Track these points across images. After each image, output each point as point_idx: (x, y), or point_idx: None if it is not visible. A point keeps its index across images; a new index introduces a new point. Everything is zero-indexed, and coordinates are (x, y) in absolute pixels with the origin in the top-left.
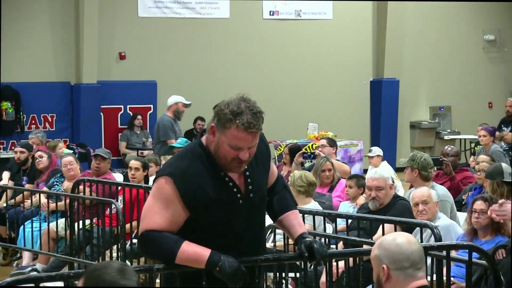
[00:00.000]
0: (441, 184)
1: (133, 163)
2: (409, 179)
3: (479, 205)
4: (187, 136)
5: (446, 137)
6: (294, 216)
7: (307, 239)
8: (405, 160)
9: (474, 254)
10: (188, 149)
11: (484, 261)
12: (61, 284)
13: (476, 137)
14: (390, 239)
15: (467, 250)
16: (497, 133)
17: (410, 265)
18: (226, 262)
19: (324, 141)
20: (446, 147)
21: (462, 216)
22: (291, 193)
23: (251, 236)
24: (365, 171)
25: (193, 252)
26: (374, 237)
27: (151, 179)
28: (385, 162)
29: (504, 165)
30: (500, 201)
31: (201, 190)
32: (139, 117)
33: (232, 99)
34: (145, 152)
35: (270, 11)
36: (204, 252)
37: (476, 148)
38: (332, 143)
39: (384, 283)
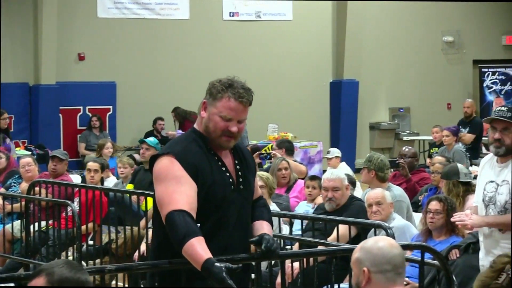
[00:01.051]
0: (398, 185)
1: (91, 165)
2: (365, 180)
3: (433, 205)
4: (147, 137)
5: (405, 138)
6: (260, 223)
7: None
8: (362, 161)
9: (429, 255)
10: (182, 135)
11: (437, 261)
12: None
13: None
14: (372, 242)
15: (420, 250)
16: None
17: (392, 269)
18: (213, 274)
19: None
20: (404, 148)
21: (418, 216)
22: (269, 212)
23: (240, 226)
24: (325, 172)
25: (195, 252)
26: (329, 238)
27: (109, 180)
28: (343, 163)
29: (459, 165)
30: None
31: (200, 168)
32: (94, 118)
33: (223, 78)
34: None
35: (230, 12)
36: (203, 256)
37: (432, 150)
38: (281, 145)
39: (364, 286)
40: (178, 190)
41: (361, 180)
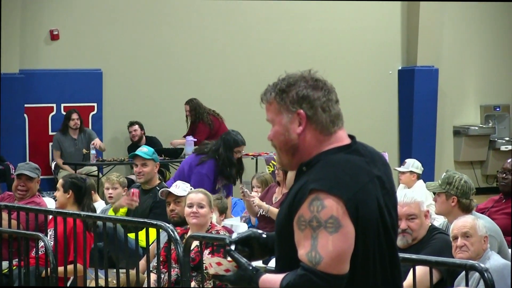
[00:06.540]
0: (498, 212)
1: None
2: (442, 210)
3: None
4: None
5: (503, 148)
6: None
7: None
8: (437, 184)
9: None
10: None
11: None
12: None
13: None
14: None
15: None
16: None
17: None
18: None
19: None
20: (509, 160)
21: None
22: (294, 277)
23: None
24: None
25: None
26: (404, 283)
27: (98, 204)
28: (420, 181)
29: None
30: None
31: None
32: (75, 116)
33: None
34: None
35: None
36: None
37: None
38: None
39: None
40: None
41: (435, 210)
